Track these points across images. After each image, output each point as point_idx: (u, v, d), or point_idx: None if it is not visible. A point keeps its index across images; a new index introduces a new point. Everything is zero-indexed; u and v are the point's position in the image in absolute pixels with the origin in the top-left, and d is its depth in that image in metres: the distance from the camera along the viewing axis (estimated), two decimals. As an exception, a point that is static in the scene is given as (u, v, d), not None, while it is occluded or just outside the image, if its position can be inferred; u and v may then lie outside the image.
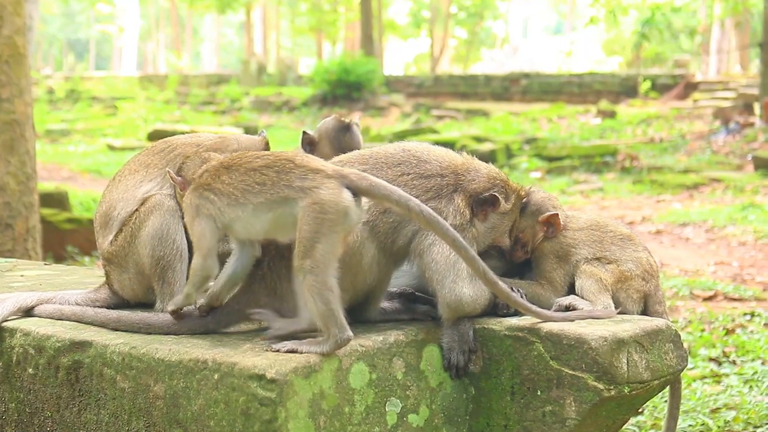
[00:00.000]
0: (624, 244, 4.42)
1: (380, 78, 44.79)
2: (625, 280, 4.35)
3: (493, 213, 4.18)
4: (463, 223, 4.06)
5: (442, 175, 4.12)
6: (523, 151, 28.70)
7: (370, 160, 4.13)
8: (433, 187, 4.08)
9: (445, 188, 4.09)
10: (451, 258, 3.96)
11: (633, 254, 4.39)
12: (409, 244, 4.03)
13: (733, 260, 13.95)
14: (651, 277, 4.37)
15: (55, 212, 13.53)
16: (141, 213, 4.40)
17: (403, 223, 4.00)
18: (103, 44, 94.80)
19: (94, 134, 35.14)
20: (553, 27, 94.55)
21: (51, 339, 4.08)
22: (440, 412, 4.06)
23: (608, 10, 35.22)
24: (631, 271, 4.34)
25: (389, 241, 4.01)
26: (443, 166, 4.14)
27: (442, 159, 4.18)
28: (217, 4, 62.04)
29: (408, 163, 4.11)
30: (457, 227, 3.98)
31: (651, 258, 4.45)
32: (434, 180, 4.09)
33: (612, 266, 4.37)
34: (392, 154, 4.16)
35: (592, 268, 4.35)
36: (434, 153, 4.19)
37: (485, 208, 4.15)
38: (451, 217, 4.04)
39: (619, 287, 4.34)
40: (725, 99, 38.04)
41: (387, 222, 3.99)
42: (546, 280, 4.41)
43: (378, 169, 4.07)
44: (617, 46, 69.36)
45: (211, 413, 3.63)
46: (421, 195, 4.01)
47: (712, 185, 21.94)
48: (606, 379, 3.91)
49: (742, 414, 6.63)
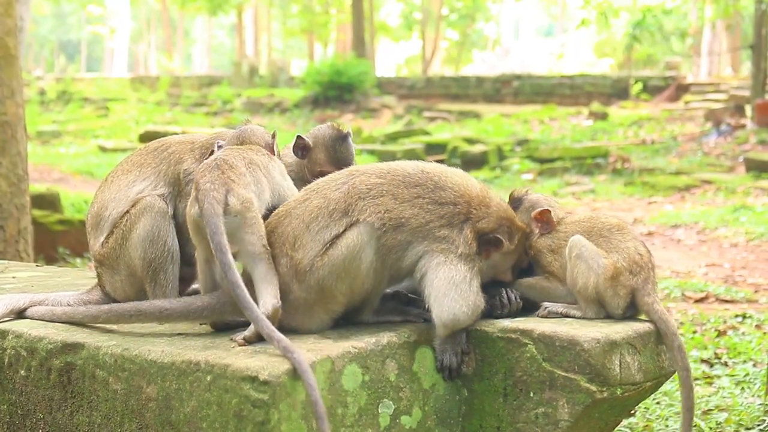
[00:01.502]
0: (611, 234, 4.41)
1: (372, 80, 44.74)
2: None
3: (497, 253, 4.22)
4: (471, 253, 4.09)
5: (455, 203, 4.14)
6: (514, 152, 28.70)
7: (387, 175, 4.15)
8: (446, 214, 4.10)
9: (457, 217, 4.12)
10: (457, 278, 4.00)
11: (619, 244, 4.36)
12: (416, 264, 4.07)
13: (724, 262, 13.96)
14: (640, 269, 4.32)
15: (46, 214, 13.50)
16: (132, 215, 4.39)
17: (414, 243, 4.05)
18: (94, 46, 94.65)
19: (85, 136, 35.09)
20: (544, 29, 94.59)
21: (43, 341, 4.08)
22: (433, 414, 4.06)
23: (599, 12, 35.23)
24: (618, 262, 4.31)
25: (394, 257, 4.05)
26: (458, 194, 4.16)
27: (458, 187, 4.19)
28: (208, 5, 61.93)
29: (425, 186, 4.13)
30: (464, 256, 4.05)
31: (641, 247, 4.41)
32: (447, 208, 4.12)
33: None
34: (410, 174, 4.17)
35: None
36: (451, 180, 4.21)
37: (489, 248, 4.18)
38: (462, 246, 4.07)
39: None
40: (716, 101, 38.06)
41: (397, 239, 4.03)
42: (548, 273, 4.42)
43: (395, 186, 4.10)
44: (608, 48, 69.40)
45: (204, 415, 3.63)
46: (435, 221, 4.07)
47: (704, 187, 21.97)
48: (598, 381, 3.91)
49: (734, 416, 6.63)
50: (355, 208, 4.00)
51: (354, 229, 3.96)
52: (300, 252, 3.98)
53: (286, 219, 4.07)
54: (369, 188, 4.06)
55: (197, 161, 4.53)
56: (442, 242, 4.04)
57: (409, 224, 4.03)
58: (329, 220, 3.99)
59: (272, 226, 4.10)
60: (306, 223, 4.01)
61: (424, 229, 4.04)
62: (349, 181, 4.10)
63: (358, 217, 3.98)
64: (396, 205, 4.04)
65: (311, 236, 3.98)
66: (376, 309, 4.19)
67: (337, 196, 4.04)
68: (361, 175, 4.13)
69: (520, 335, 4.03)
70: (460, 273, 4.01)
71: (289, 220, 4.05)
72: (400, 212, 4.03)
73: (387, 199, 4.04)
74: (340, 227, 3.98)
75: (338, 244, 3.95)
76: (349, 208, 4.01)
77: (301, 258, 3.97)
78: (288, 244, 4.01)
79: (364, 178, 4.11)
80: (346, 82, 42.06)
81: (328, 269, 3.95)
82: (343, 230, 3.97)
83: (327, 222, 3.99)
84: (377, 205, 4.01)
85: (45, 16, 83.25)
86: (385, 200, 4.03)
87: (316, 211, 4.02)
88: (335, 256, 3.94)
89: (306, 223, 4.01)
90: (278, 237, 4.05)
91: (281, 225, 4.07)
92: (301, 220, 4.02)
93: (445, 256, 4.03)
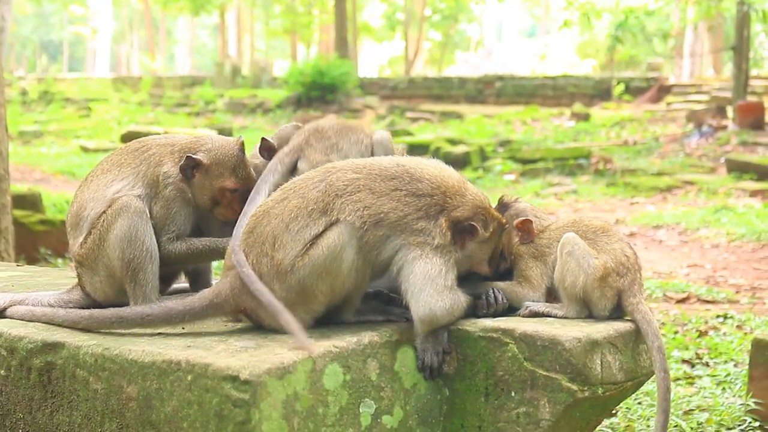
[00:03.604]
0: (596, 237, 4.42)
1: (355, 80, 44.74)
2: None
3: (471, 242, 4.21)
4: (446, 243, 4.09)
5: (432, 195, 4.14)
6: (497, 153, 28.71)
7: (363, 170, 4.15)
8: (423, 206, 4.10)
9: (433, 208, 4.12)
10: (432, 272, 3.99)
11: (606, 246, 4.38)
12: (393, 257, 4.05)
13: (706, 263, 14.00)
14: (627, 271, 4.34)
15: (28, 214, 13.43)
16: (108, 215, 4.39)
17: (392, 237, 4.04)
18: (76, 46, 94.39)
19: (67, 136, 34.95)
20: (527, 30, 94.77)
21: (23, 340, 4.06)
22: (414, 414, 4.06)
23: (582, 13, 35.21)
24: (607, 263, 4.32)
25: (375, 252, 4.04)
26: (434, 186, 4.17)
27: (435, 178, 4.20)
28: (191, 5, 61.83)
29: (401, 179, 4.13)
30: (440, 247, 4.05)
31: (628, 249, 4.42)
32: (425, 199, 4.12)
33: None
34: (386, 167, 4.18)
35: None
36: (428, 171, 4.22)
37: (464, 237, 4.17)
38: (438, 237, 4.07)
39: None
40: (698, 102, 38.16)
41: (377, 235, 4.02)
42: (523, 278, 4.43)
43: (371, 180, 4.10)
44: (591, 49, 69.54)
45: (185, 414, 3.62)
46: (413, 213, 4.07)
47: (686, 188, 22.03)
48: (580, 380, 3.92)
49: (715, 416, 6.64)
50: (333, 207, 4.00)
51: (335, 229, 3.96)
52: (281, 252, 3.98)
53: (265, 219, 4.07)
54: (346, 185, 4.06)
55: (176, 164, 4.54)
56: (418, 235, 4.04)
57: (387, 218, 4.02)
58: (308, 219, 3.99)
59: (251, 227, 4.10)
60: (285, 223, 4.00)
61: (402, 222, 4.04)
62: (326, 178, 4.10)
63: (338, 217, 3.98)
64: (374, 200, 4.03)
65: (291, 236, 3.98)
66: (358, 308, 4.19)
67: (315, 195, 4.04)
68: (337, 172, 4.13)
69: (501, 335, 4.04)
70: (436, 267, 4.01)
71: (268, 220, 4.05)
72: (378, 207, 4.03)
73: (364, 195, 4.04)
74: (319, 227, 3.98)
75: (319, 244, 3.95)
76: (327, 207, 4.01)
77: (282, 258, 3.97)
78: (268, 244, 4.01)
79: (340, 174, 4.11)
80: (328, 83, 42.02)
81: (309, 269, 3.94)
82: (323, 230, 3.97)
83: (306, 222, 3.99)
84: (355, 202, 4.01)
85: (27, 15, 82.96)
86: (362, 195, 4.03)
87: (295, 211, 4.02)
88: (316, 256, 3.94)
89: (285, 222, 4.00)
90: (257, 237, 4.04)
91: (260, 225, 4.07)
92: (280, 220, 4.02)
93: (420, 250, 4.03)
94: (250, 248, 4.04)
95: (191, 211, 4.58)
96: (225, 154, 4.59)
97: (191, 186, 4.56)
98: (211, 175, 4.56)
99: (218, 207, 4.62)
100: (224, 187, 4.57)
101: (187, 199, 4.55)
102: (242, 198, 4.56)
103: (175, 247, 4.52)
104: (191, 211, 4.58)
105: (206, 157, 4.55)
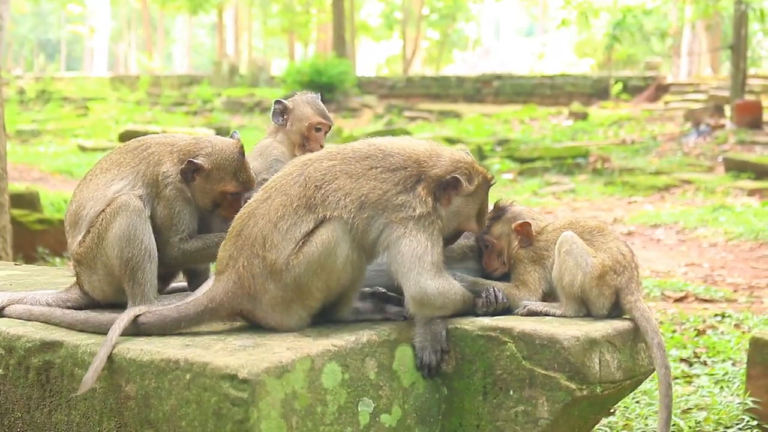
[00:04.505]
0: (593, 237, 4.43)
1: (352, 79, 44.73)
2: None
3: (457, 196, 4.20)
4: (428, 212, 4.08)
5: (405, 167, 4.14)
6: (495, 152, 28.71)
7: (337, 156, 4.17)
8: (400, 180, 4.11)
9: (409, 179, 4.12)
10: (418, 251, 3.99)
11: (602, 245, 4.38)
12: (378, 237, 4.05)
13: (703, 261, 13.99)
14: (623, 269, 4.34)
15: (25, 213, 13.42)
16: (107, 214, 4.39)
17: (375, 217, 4.03)
18: (74, 45, 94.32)
19: (65, 135, 34.91)
20: (525, 29, 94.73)
21: (21, 339, 4.06)
22: (413, 412, 4.06)
23: (580, 12, 35.22)
24: (605, 261, 4.33)
25: (364, 236, 4.04)
26: (405, 157, 4.17)
27: (404, 150, 4.21)
28: (188, 5, 61.82)
29: (374, 156, 4.14)
30: (422, 218, 4.05)
31: (624, 247, 4.43)
32: (400, 173, 4.12)
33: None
34: (358, 148, 4.20)
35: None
36: (398, 145, 4.23)
37: (448, 192, 4.17)
38: (419, 207, 4.07)
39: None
40: (696, 101, 38.16)
41: (362, 218, 4.02)
42: (520, 282, 4.44)
43: (346, 164, 4.11)
44: (589, 48, 69.54)
45: (183, 413, 3.62)
46: (391, 189, 4.08)
47: (683, 187, 22.02)
48: (578, 379, 3.92)
49: (713, 414, 6.64)
50: (316, 201, 4.01)
51: (327, 226, 3.97)
52: (273, 252, 3.97)
53: (251, 220, 4.07)
54: (323, 174, 4.07)
55: (175, 164, 4.53)
56: (400, 210, 4.04)
57: (368, 199, 4.03)
58: (296, 217, 4.00)
59: (237, 230, 4.10)
60: (273, 223, 4.00)
61: (383, 200, 4.04)
62: (303, 171, 4.11)
63: (325, 213, 3.99)
64: (353, 184, 4.04)
65: (281, 235, 3.98)
66: (356, 308, 4.19)
67: (297, 191, 4.05)
68: (313, 163, 4.14)
69: (499, 333, 4.04)
70: (421, 244, 4.01)
71: (254, 221, 4.05)
72: (358, 190, 4.03)
73: (343, 181, 4.04)
74: (309, 224, 3.99)
75: (312, 241, 3.96)
76: (310, 201, 4.02)
77: (275, 258, 3.97)
78: (258, 245, 4.00)
79: (317, 164, 4.13)
80: (326, 82, 41.99)
81: (305, 266, 3.94)
82: (313, 226, 3.98)
83: (294, 219, 3.99)
84: (336, 191, 4.02)
85: (25, 14, 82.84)
86: (341, 182, 4.04)
87: (281, 210, 4.02)
88: (311, 253, 3.94)
89: (273, 222, 4.00)
90: (246, 240, 4.04)
91: (246, 227, 4.07)
92: (267, 220, 4.02)
93: (404, 227, 4.03)
94: (239, 251, 4.04)
95: (194, 209, 4.57)
96: (226, 158, 4.58)
97: (191, 188, 4.55)
98: (212, 179, 4.54)
99: (219, 208, 4.61)
100: (225, 191, 4.56)
101: (187, 198, 4.54)
102: (243, 198, 4.56)
103: (191, 246, 4.51)
104: (194, 209, 4.57)
105: (207, 162, 4.53)
